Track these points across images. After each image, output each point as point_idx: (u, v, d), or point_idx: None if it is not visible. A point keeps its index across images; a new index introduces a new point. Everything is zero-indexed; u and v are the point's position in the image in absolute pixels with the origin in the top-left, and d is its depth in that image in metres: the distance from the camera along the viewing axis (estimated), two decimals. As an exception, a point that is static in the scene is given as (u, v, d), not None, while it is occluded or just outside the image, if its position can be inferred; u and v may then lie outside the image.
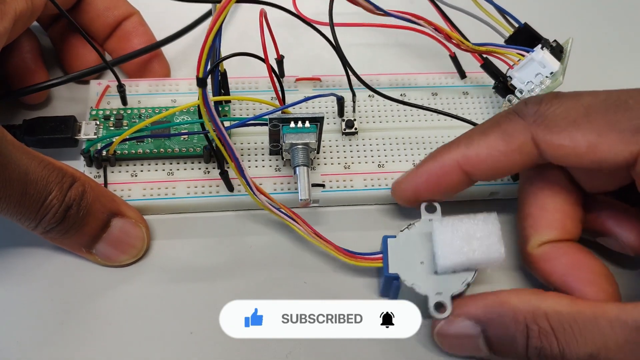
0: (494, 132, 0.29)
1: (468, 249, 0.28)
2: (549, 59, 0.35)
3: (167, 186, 0.34)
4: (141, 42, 0.38)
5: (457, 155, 0.30)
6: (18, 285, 0.31)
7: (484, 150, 0.29)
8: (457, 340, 0.29)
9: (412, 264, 0.30)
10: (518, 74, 0.35)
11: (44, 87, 0.35)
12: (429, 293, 0.29)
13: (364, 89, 0.36)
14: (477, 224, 0.29)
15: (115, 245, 0.32)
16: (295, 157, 0.32)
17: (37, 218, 0.29)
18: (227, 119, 0.36)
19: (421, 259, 0.30)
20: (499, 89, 0.37)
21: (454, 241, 0.29)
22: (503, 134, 0.29)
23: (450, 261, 0.28)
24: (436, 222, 0.29)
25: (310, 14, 0.35)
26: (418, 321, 0.28)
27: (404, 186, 0.32)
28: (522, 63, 0.35)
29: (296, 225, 0.31)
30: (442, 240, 0.29)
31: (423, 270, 0.29)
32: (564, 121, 0.28)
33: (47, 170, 0.29)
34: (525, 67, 0.35)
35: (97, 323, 0.31)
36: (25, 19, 0.33)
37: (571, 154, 0.28)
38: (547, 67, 0.34)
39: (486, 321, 0.28)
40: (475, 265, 0.29)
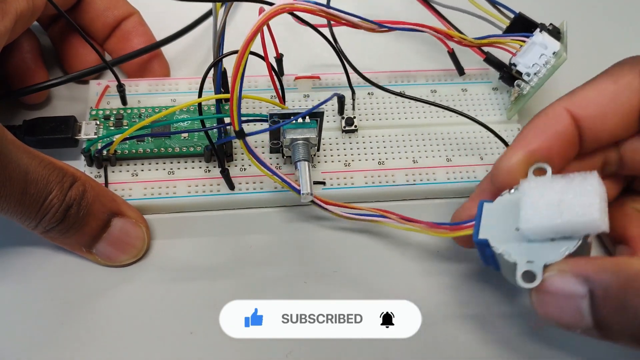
0: (601, 77, 0.29)
1: (555, 211, 0.25)
2: (549, 40, 0.36)
3: (168, 185, 0.34)
4: (141, 42, 0.38)
5: (564, 102, 0.28)
6: (18, 285, 0.31)
7: (592, 92, 0.28)
8: (556, 299, 0.25)
9: (507, 231, 0.27)
10: (522, 59, 0.36)
11: (44, 87, 0.35)
12: (519, 261, 0.26)
13: (363, 87, 0.36)
14: (571, 183, 0.26)
15: (116, 245, 0.32)
16: (296, 153, 0.32)
17: (37, 217, 0.29)
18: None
19: (517, 225, 0.26)
20: (505, 78, 0.37)
21: (540, 202, 0.26)
22: (610, 76, 0.28)
23: (533, 224, 0.26)
24: (525, 182, 0.27)
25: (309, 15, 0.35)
26: (418, 321, 0.28)
27: (510, 154, 0.29)
28: (524, 48, 0.36)
29: (389, 221, 0.31)
30: (529, 201, 0.26)
31: (517, 237, 0.26)
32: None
33: (48, 169, 0.29)
34: (527, 51, 0.36)
35: (97, 323, 0.31)
36: (26, 18, 0.33)
37: None
38: (549, 47, 0.35)
39: (598, 280, 0.24)
40: (566, 229, 0.25)
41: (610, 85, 0.28)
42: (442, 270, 0.33)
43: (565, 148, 0.28)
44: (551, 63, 0.35)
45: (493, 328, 0.31)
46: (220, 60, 0.32)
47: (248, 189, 0.34)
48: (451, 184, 0.35)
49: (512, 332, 0.31)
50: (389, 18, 0.41)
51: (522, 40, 0.36)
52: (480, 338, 0.31)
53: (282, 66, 0.37)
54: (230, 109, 0.29)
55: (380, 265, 0.33)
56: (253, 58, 0.33)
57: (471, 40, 0.36)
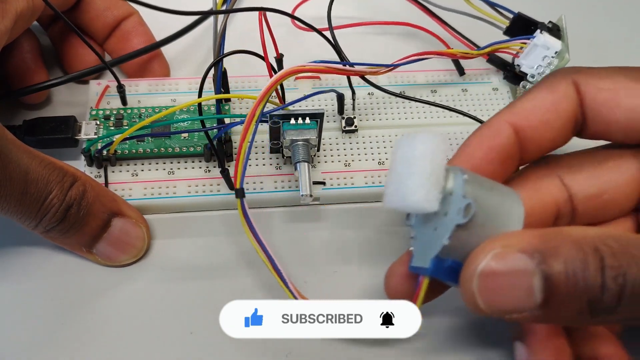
0: (538, 87, 0.29)
1: (388, 189, 0.25)
2: (551, 40, 0.36)
3: (168, 185, 0.34)
4: (141, 42, 0.38)
5: (505, 115, 0.28)
6: (18, 285, 0.31)
7: (531, 103, 0.28)
8: (507, 280, 0.22)
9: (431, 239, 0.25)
10: (525, 61, 0.36)
11: (43, 87, 0.35)
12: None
13: (363, 87, 0.36)
14: (398, 151, 0.24)
15: (116, 245, 0.32)
16: (295, 154, 0.32)
17: (37, 217, 0.29)
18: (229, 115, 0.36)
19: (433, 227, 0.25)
20: (509, 77, 0.38)
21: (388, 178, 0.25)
22: (547, 87, 0.28)
23: (386, 203, 0.25)
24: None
25: (309, 16, 0.35)
26: (418, 321, 0.28)
27: (455, 162, 0.28)
28: (527, 50, 0.36)
29: None
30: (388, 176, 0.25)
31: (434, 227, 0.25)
32: (604, 71, 0.28)
33: (48, 169, 0.29)
34: (530, 53, 0.36)
35: (97, 323, 0.31)
36: (26, 18, 0.33)
37: (610, 98, 0.27)
38: (550, 48, 0.36)
39: (546, 250, 0.22)
40: (399, 208, 0.24)
41: (548, 95, 0.28)
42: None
43: (505, 160, 0.28)
44: (554, 64, 0.36)
45: (493, 328, 0.31)
46: (221, 60, 0.32)
47: (248, 189, 0.34)
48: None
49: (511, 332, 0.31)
50: (389, 19, 0.42)
51: (524, 42, 0.37)
52: (480, 338, 0.31)
53: (282, 66, 0.37)
54: (235, 170, 0.29)
55: (380, 265, 0.33)
56: (253, 57, 0.33)
57: (475, 52, 0.37)
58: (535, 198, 0.28)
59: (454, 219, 0.23)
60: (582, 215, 0.29)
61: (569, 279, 0.22)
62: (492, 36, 0.38)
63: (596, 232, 0.23)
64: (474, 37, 0.40)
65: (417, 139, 0.24)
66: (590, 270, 0.22)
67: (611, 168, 0.29)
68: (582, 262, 0.22)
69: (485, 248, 0.23)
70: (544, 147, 0.29)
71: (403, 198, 0.24)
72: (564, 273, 0.22)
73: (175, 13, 0.31)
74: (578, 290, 0.22)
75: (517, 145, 0.28)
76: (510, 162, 0.28)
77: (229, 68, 0.34)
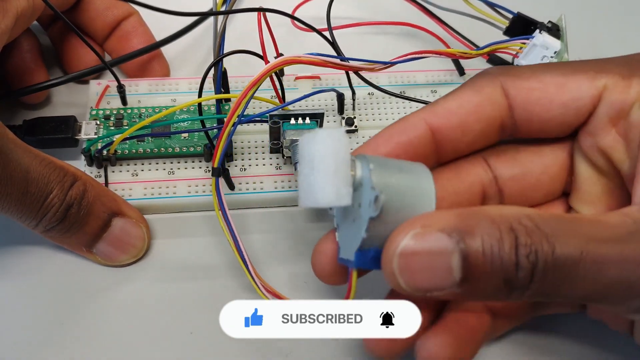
0: (463, 88, 0.28)
1: (300, 191, 0.24)
2: (550, 40, 0.36)
3: (168, 185, 0.34)
4: (141, 42, 0.38)
5: (424, 113, 0.28)
6: (18, 284, 0.31)
7: (454, 103, 0.28)
8: (426, 259, 0.23)
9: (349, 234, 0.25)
10: (524, 61, 0.37)
11: (43, 87, 0.35)
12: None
13: (363, 87, 0.36)
14: (301, 152, 0.24)
15: (116, 245, 0.32)
16: (296, 154, 0.32)
17: (37, 217, 0.29)
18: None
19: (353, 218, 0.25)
20: None
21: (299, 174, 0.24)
22: (472, 87, 0.28)
23: (301, 204, 0.24)
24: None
25: (309, 16, 0.35)
26: (418, 320, 0.28)
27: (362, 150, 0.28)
28: (526, 50, 0.37)
29: None
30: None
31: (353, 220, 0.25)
32: (529, 70, 0.28)
33: (49, 168, 0.29)
34: (529, 53, 0.36)
35: (97, 323, 0.31)
36: (27, 17, 0.33)
37: (542, 96, 0.27)
38: (549, 48, 0.36)
39: (464, 229, 0.22)
40: (314, 206, 0.24)
41: (473, 97, 0.28)
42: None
43: (414, 158, 0.27)
44: None
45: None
46: (220, 60, 0.32)
47: (248, 189, 0.34)
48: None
49: (510, 331, 0.31)
50: (389, 19, 0.42)
51: (523, 42, 0.37)
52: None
53: (282, 66, 0.37)
54: (216, 146, 0.29)
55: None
56: (253, 57, 0.33)
57: (474, 52, 0.37)
58: (460, 179, 0.29)
59: (367, 211, 0.23)
60: (510, 198, 0.29)
61: (485, 257, 0.22)
62: (492, 36, 0.38)
63: (512, 211, 0.23)
64: (474, 37, 0.40)
65: (317, 137, 0.23)
66: (505, 249, 0.22)
67: (534, 152, 0.29)
68: (498, 241, 0.22)
69: (405, 228, 0.23)
70: (461, 149, 0.29)
71: (315, 199, 0.23)
72: (481, 251, 0.22)
73: (175, 14, 0.31)
74: (495, 268, 0.22)
75: (432, 145, 0.28)
76: (421, 160, 0.26)
77: (229, 68, 0.34)
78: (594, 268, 0.22)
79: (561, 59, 0.35)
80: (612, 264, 0.22)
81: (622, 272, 0.22)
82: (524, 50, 0.37)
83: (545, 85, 0.27)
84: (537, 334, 0.31)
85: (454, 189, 0.27)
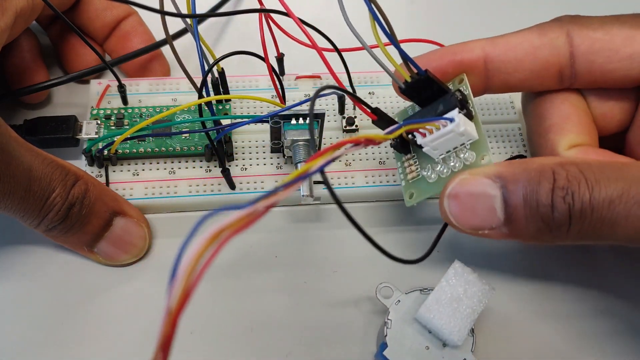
0: (530, 29, 0.29)
1: (467, 311, 0.28)
2: (469, 128, 0.27)
3: (169, 185, 0.34)
4: (141, 41, 0.38)
5: (485, 41, 0.29)
6: (19, 284, 0.31)
7: (515, 40, 0.29)
8: (470, 199, 0.26)
9: (419, 354, 0.28)
10: (432, 143, 0.28)
11: (44, 87, 0.35)
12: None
13: (364, 86, 0.36)
14: (449, 283, 0.28)
15: (117, 244, 0.32)
16: (296, 154, 0.32)
17: (40, 215, 0.29)
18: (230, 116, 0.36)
19: (425, 345, 0.28)
20: (398, 145, 0.31)
21: (451, 315, 0.27)
22: (538, 29, 0.29)
23: (463, 334, 0.27)
24: (421, 312, 0.28)
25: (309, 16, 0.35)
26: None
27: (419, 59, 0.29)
28: (439, 134, 0.27)
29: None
30: (440, 323, 0.28)
31: (433, 352, 0.28)
32: (599, 21, 0.28)
33: (51, 167, 0.29)
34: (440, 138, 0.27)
35: (97, 322, 0.31)
36: (26, 16, 0.33)
37: (606, 47, 0.28)
38: (465, 135, 0.27)
39: (507, 176, 0.25)
40: (479, 314, 0.28)
41: (535, 38, 0.29)
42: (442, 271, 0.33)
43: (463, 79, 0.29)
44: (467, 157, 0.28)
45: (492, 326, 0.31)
46: (216, 63, 0.32)
47: (249, 189, 0.34)
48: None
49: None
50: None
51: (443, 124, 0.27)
52: (480, 337, 0.31)
53: (283, 65, 0.37)
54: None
55: (379, 265, 0.33)
56: (254, 57, 0.33)
57: (379, 137, 0.26)
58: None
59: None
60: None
61: (525, 199, 0.24)
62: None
63: (556, 159, 0.25)
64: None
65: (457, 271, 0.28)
66: (542, 192, 0.24)
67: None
68: (537, 185, 0.24)
69: (456, 177, 0.26)
70: (511, 85, 0.30)
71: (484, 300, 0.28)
72: (521, 194, 0.24)
73: (175, 15, 0.31)
74: (532, 210, 0.24)
75: (483, 72, 0.29)
76: (469, 84, 0.29)
77: (229, 68, 0.34)
78: (636, 208, 0.23)
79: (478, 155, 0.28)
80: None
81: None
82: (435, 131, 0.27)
83: (612, 37, 0.28)
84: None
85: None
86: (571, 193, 0.24)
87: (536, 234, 0.25)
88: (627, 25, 0.28)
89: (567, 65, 0.29)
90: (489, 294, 0.28)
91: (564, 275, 0.33)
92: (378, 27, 0.26)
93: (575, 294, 0.32)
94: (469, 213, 0.26)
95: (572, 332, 0.31)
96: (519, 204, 0.25)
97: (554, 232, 0.24)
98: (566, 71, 0.29)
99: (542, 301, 0.32)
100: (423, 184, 0.30)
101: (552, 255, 0.33)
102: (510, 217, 0.25)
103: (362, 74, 0.38)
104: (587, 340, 0.31)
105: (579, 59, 0.28)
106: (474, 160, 0.27)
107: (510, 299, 0.32)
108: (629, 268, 0.33)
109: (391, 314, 0.29)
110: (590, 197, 0.23)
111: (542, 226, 0.24)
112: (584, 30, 0.28)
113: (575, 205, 0.24)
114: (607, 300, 0.32)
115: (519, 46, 0.29)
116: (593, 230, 0.24)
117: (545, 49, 0.29)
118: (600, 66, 0.29)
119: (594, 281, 0.33)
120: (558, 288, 0.33)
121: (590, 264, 0.33)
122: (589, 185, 0.24)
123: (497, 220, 0.25)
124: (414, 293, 0.30)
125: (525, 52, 0.29)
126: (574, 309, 0.32)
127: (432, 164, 0.29)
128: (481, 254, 0.33)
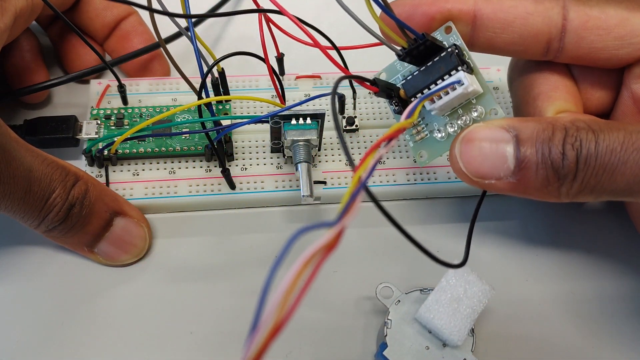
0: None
1: (467, 311, 0.28)
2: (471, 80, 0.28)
3: (169, 185, 0.34)
4: (141, 41, 0.38)
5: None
6: (19, 284, 0.31)
7: (510, 1, 0.29)
8: (482, 145, 0.26)
9: (419, 354, 0.28)
10: (440, 106, 0.28)
11: (44, 87, 0.35)
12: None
13: (364, 86, 0.36)
14: (449, 283, 0.28)
15: (117, 245, 0.32)
16: (296, 154, 0.32)
17: (40, 216, 0.29)
18: (230, 116, 0.36)
19: (425, 345, 0.29)
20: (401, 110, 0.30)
21: (451, 315, 0.28)
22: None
23: (463, 334, 0.28)
24: (421, 312, 0.28)
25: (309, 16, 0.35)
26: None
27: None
28: (448, 97, 0.28)
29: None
30: (440, 323, 0.28)
31: (433, 352, 0.28)
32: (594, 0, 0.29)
33: (51, 168, 0.29)
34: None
35: (97, 323, 0.31)
36: (26, 16, 0.33)
37: (599, 26, 0.28)
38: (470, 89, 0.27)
39: (521, 127, 0.26)
40: (479, 314, 0.28)
41: (529, 4, 0.29)
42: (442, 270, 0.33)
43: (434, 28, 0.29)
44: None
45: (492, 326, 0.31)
46: (215, 64, 0.32)
47: (249, 189, 0.34)
48: (452, 183, 0.35)
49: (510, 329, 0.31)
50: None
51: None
52: (480, 337, 0.31)
53: (283, 65, 0.37)
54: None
55: (379, 265, 0.33)
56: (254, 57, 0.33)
57: (408, 122, 0.26)
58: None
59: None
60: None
61: (537, 146, 0.25)
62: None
63: (570, 116, 0.26)
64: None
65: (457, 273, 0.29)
66: (555, 141, 0.25)
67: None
68: (549, 134, 0.25)
69: (471, 126, 0.26)
70: (496, 46, 0.30)
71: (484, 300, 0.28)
72: (534, 143, 0.25)
73: (175, 16, 0.31)
74: (544, 157, 0.25)
75: (469, 26, 0.29)
76: (453, 37, 0.29)
77: (229, 68, 0.34)
78: (635, 155, 0.24)
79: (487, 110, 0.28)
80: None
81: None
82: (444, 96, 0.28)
83: (607, 16, 0.28)
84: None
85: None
86: (579, 140, 0.25)
87: (542, 185, 0.25)
88: (623, 7, 0.28)
89: (556, 37, 0.29)
90: (489, 294, 0.28)
91: (564, 275, 0.33)
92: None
93: (575, 294, 0.32)
94: (480, 159, 0.26)
95: (572, 332, 0.31)
96: (531, 152, 0.25)
97: (561, 180, 0.25)
98: (554, 43, 0.29)
99: (541, 301, 0.32)
100: (433, 143, 0.30)
101: (552, 255, 0.33)
102: (520, 165, 0.25)
103: (362, 73, 0.38)
104: (587, 340, 0.31)
105: (569, 33, 0.29)
106: (483, 116, 0.28)
107: (510, 299, 0.32)
108: (629, 270, 0.33)
109: (391, 314, 0.29)
110: (596, 144, 0.24)
111: (551, 174, 0.25)
112: (581, 5, 0.29)
113: (582, 151, 0.25)
114: (607, 300, 0.32)
115: (512, 9, 0.29)
116: (595, 181, 0.25)
117: (539, 17, 0.29)
118: (590, 43, 0.29)
119: (594, 282, 0.33)
120: (558, 288, 0.33)
121: (591, 264, 0.33)
122: (595, 135, 0.25)
123: (506, 169, 0.25)
124: (414, 293, 0.30)
125: (517, 16, 0.29)
126: (574, 309, 0.32)
127: (439, 123, 0.29)
128: (481, 254, 0.33)
